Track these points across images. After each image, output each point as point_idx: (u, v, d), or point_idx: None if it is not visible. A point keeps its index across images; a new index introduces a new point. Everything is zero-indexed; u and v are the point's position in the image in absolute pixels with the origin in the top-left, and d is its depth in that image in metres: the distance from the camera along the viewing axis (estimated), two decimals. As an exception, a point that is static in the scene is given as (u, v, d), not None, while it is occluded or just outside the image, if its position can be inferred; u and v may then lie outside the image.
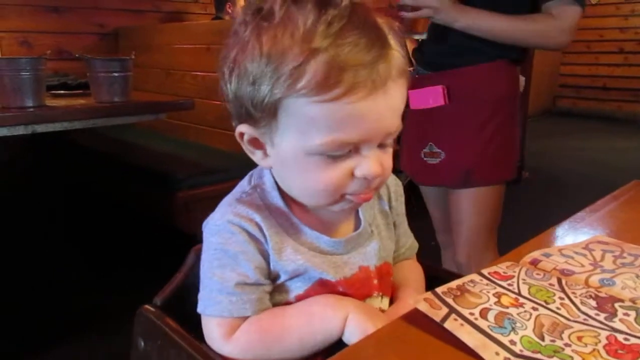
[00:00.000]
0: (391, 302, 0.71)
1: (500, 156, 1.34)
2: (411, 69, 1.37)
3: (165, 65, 2.77)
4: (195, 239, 0.73)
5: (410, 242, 0.79)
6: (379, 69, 0.53)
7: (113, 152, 2.59)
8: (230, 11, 3.38)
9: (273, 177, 0.64)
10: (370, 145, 0.56)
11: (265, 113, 0.55)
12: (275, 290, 0.63)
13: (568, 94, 6.68)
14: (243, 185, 0.67)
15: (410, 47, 1.73)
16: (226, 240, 0.60)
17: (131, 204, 2.50)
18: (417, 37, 1.41)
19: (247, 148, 0.62)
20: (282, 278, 0.62)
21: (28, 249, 2.35)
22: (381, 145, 0.58)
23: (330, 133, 0.53)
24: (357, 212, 0.69)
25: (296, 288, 0.62)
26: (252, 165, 0.68)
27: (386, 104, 0.55)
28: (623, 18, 6.13)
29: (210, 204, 0.67)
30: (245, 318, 0.60)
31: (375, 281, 0.67)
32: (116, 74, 1.75)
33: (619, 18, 6.14)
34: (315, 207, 0.63)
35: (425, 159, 1.39)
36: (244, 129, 0.59)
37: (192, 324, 0.66)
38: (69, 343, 1.70)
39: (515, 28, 1.25)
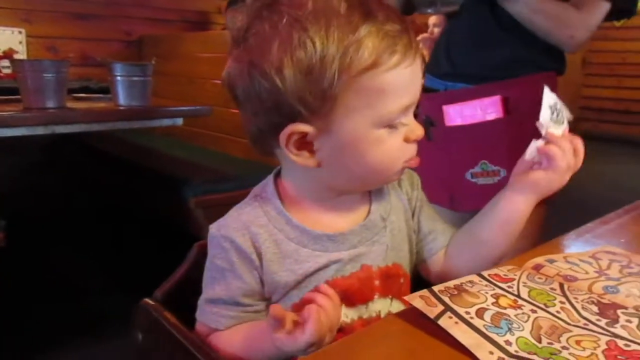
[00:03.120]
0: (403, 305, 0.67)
1: None
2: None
3: (187, 73, 2.80)
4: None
5: (441, 227, 0.73)
6: (410, 37, 0.58)
7: (130, 157, 2.62)
8: None
9: (274, 186, 0.66)
10: (411, 111, 0.60)
11: (325, 100, 0.54)
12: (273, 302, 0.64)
13: (590, 116, 6.58)
14: (247, 198, 0.68)
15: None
16: (216, 255, 0.63)
17: (145, 207, 2.53)
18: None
19: (292, 151, 0.58)
20: (280, 292, 0.63)
21: (39, 248, 2.39)
22: None
23: (398, 98, 0.57)
24: (370, 208, 0.67)
25: (292, 296, 0.63)
26: (267, 172, 0.69)
27: (420, 70, 0.60)
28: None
29: (223, 210, 0.67)
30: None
31: (377, 282, 0.66)
32: (136, 79, 1.78)
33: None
34: (372, 186, 0.67)
35: (473, 180, 1.24)
36: (295, 127, 0.56)
37: (192, 318, 0.66)
38: (76, 344, 1.71)
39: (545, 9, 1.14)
